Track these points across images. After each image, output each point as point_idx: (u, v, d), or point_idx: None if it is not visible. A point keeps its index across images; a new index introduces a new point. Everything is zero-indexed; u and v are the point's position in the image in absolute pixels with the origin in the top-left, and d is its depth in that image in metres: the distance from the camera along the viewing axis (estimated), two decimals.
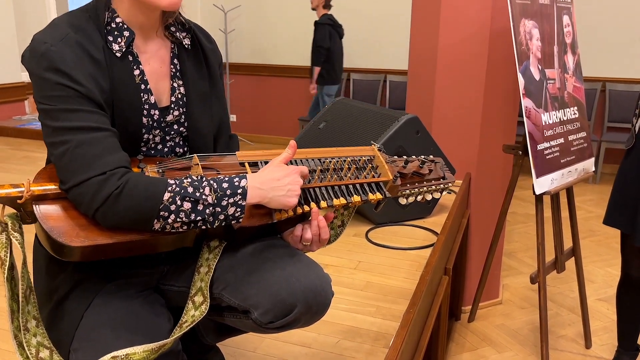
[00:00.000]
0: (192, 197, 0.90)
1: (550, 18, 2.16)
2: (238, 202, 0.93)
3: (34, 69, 0.90)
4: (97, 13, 0.96)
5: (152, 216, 0.88)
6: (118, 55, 0.96)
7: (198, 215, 0.91)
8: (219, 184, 0.93)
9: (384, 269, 1.76)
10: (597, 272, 3.16)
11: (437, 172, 1.22)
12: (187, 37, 1.07)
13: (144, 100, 1.00)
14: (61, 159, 0.89)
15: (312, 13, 5.86)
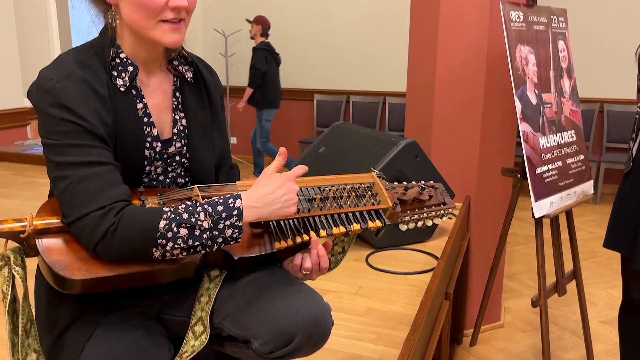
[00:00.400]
0: (188, 223, 0.91)
1: (546, 43, 2.20)
2: (235, 223, 0.94)
3: (40, 104, 0.92)
4: (102, 49, 0.99)
5: (150, 245, 0.89)
6: (122, 89, 0.99)
7: (196, 241, 0.92)
8: (214, 208, 0.93)
9: (384, 294, 1.75)
10: (599, 294, 3.15)
11: (438, 197, 1.23)
12: (189, 70, 1.10)
13: (146, 133, 1.02)
14: (64, 193, 0.90)
15: (309, 38, 5.94)
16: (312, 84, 6.06)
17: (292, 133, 6.20)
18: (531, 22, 2.13)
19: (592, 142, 5.18)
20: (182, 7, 0.96)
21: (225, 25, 6.17)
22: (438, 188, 1.24)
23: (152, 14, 0.95)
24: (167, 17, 0.96)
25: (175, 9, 0.96)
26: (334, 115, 5.91)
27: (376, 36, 5.70)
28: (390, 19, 5.53)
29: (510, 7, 2.05)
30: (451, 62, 2.43)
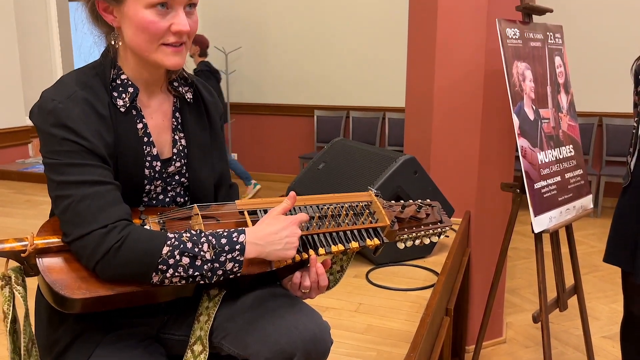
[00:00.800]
0: (191, 253, 0.92)
1: (542, 59, 2.22)
2: (236, 257, 0.95)
3: (42, 125, 0.94)
4: (103, 70, 1.01)
5: (150, 270, 0.90)
6: (122, 110, 1.00)
7: (196, 271, 0.92)
8: (218, 240, 0.94)
9: (384, 310, 1.75)
10: (602, 309, 3.13)
11: (435, 216, 1.23)
12: (190, 91, 1.12)
13: (146, 152, 1.03)
14: (65, 213, 0.91)
15: (308, 55, 5.98)
16: (312, 100, 6.10)
17: (292, 149, 6.22)
18: (527, 38, 2.15)
19: (592, 156, 5.19)
20: (184, 31, 0.98)
21: (225, 42, 6.23)
22: (435, 206, 1.25)
23: (154, 37, 0.97)
24: (168, 40, 0.98)
25: (177, 33, 0.98)
26: (334, 130, 5.94)
27: (375, 52, 5.75)
28: (389, 34, 5.58)
29: (506, 24, 2.07)
30: (449, 78, 2.45)
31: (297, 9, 5.94)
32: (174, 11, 0.97)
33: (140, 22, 0.95)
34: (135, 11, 0.95)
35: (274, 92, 6.24)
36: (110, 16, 0.99)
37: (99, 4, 0.99)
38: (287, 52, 6.08)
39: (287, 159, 6.27)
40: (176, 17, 0.97)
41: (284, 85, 6.19)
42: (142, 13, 0.95)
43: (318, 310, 1.06)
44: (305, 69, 6.06)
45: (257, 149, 6.43)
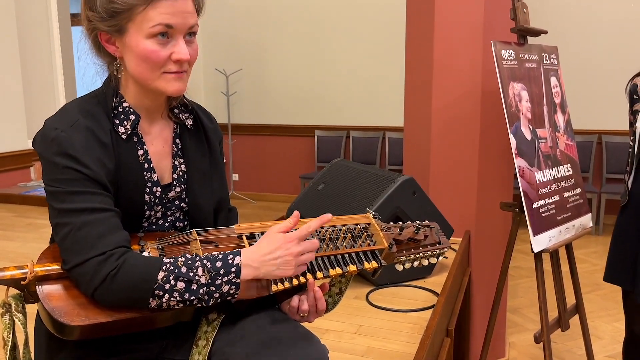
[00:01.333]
0: (186, 277, 0.93)
1: (538, 80, 2.24)
2: (232, 280, 0.95)
3: (45, 152, 0.95)
4: (105, 98, 1.03)
5: (147, 295, 0.91)
6: (124, 137, 1.02)
7: (192, 295, 0.93)
8: (213, 263, 0.95)
9: (385, 332, 1.75)
10: (605, 328, 3.11)
11: (433, 237, 1.24)
12: (190, 117, 1.14)
13: (146, 178, 1.05)
14: (64, 240, 0.92)
15: (309, 76, 6.04)
16: (312, 120, 6.14)
17: (293, 169, 6.24)
18: (522, 59, 2.18)
19: (592, 174, 5.20)
20: (184, 60, 1.00)
21: (226, 65, 6.30)
22: (433, 228, 1.25)
23: (156, 66, 0.99)
24: (170, 69, 1.00)
25: (177, 62, 1.00)
26: (334, 150, 5.97)
27: (374, 72, 5.80)
28: (388, 55, 5.64)
29: (502, 45, 2.10)
30: (446, 99, 2.48)
31: (297, 31, 6.01)
32: (174, 40, 0.99)
33: (141, 52, 0.98)
34: (137, 42, 0.98)
35: (274, 113, 6.28)
36: (113, 47, 1.02)
37: (102, 35, 1.01)
38: (287, 73, 6.14)
39: (288, 179, 6.29)
40: (176, 46, 0.99)
41: (285, 106, 6.23)
42: (143, 43, 0.97)
43: (318, 333, 1.07)
44: (305, 89, 6.11)
45: (258, 169, 6.46)
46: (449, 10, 2.42)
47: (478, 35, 2.39)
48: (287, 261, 0.98)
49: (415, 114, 2.64)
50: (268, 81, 6.25)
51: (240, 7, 6.18)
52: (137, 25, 0.97)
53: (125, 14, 0.97)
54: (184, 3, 0.99)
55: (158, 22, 0.96)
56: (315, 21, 5.92)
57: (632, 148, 1.97)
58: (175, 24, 0.98)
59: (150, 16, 0.96)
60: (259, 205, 6.21)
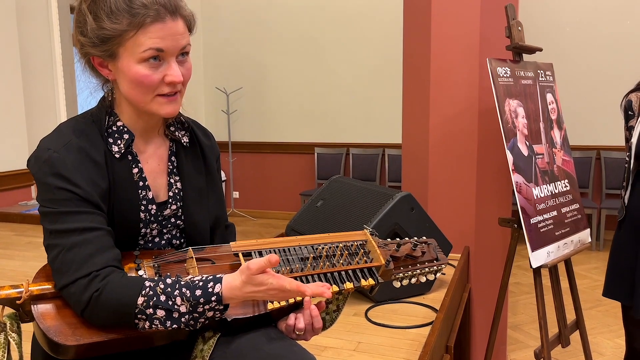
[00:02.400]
0: (165, 306, 0.91)
1: (534, 97, 2.26)
2: (215, 307, 0.93)
3: (38, 174, 0.97)
4: (99, 118, 1.04)
5: (131, 320, 0.91)
6: (117, 156, 1.03)
7: (174, 323, 0.92)
8: (192, 292, 0.91)
9: (384, 349, 1.74)
10: (606, 344, 3.09)
11: (431, 253, 1.23)
12: (186, 135, 1.14)
13: (141, 196, 1.05)
14: (54, 262, 0.94)
15: (309, 93, 6.09)
16: (312, 137, 6.17)
17: (293, 186, 6.25)
18: (518, 76, 2.20)
19: (592, 190, 5.21)
20: (177, 82, 1.01)
21: (226, 83, 6.36)
22: (431, 244, 1.25)
23: (149, 90, 1.00)
24: (163, 91, 1.01)
25: (170, 84, 1.00)
26: (334, 167, 5.99)
27: (374, 89, 5.84)
28: (387, 72, 5.69)
29: (497, 63, 2.13)
30: (444, 116, 2.50)
31: (297, 50, 6.07)
32: (166, 63, 0.99)
33: (134, 76, 0.98)
34: (129, 66, 0.98)
35: (274, 130, 6.32)
36: (106, 70, 1.03)
37: (94, 59, 1.02)
38: (287, 91, 6.19)
39: (289, 196, 6.30)
40: (169, 69, 0.99)
41: (285, 124, 6.27)
42: (135, 68, 0.98)
43: (317, 350, 1.07)
44: (305, 107, 6.15)
45: (259, 186, 6.47)
46: (446, 29, 2.45)
47: (474, 53, 2.42)
48: (273, 294, 0.93)
49: (413, 130, 2.66)
50: (268, 99, 6.29)
51: (240, 26, 6.25)
52: (128, 50, 0.97)
53: (115, 39, 0.97)
54: (174, 25, 0.99)
55: (149, 47, 0.96)
56: (315, 40, 5.98)
57: (627, 163, 1.99)
58: (166, 47, 0.98)
59: (140, 41, 0.96)
60: (260, 222, 6.21)
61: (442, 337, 1.78)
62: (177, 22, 0.99)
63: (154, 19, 0.96)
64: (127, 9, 0.95)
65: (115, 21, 0.96)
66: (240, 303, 0.99)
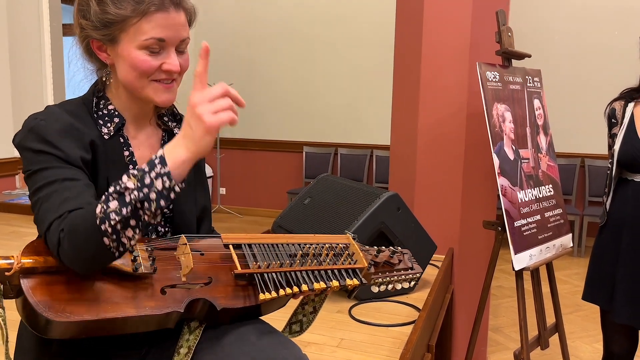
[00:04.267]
0: (115, 193, 0.86)
1: (522, 102, 2.30)
2: (160, 171, 0.87)
3: (22, 141, 0.97)
4: (90, 101, 1.06)
5: (96, 236, 0.86)
6: (106, 137, 1.04)
7: (127, 206, 0.85)
8: (138, 169, 0.88)
9: (366, 346, 1.76)
10: (585, 349, 3.14)
11: (406, 262, 1.28)
12: (177, 127, 1.16)
13: None
14: (37, 214, 0.93)
15: (298, 92, 6.09)
16: (301, 136, 6.18)
17: (281, 184, 6.26)
18: (507, 81, 2.23)
19: (575, 196, 5.28)
20: (175, 71, 1.03)
21: (216, 79, 6.28)
22: (406, 254, 1.30)
23: (145, 74, 1.01)
24: (159, 77, 1.02)
25: (167, 72, 1.02)
26: (322, 166, 6.00)
27: (363, 91, 5.87)
28: (377, 74, 5.71)
29: (487, 67, 2.16)
30: (432, 118, 2.52)
31: (288, 48, 6.08)
32: (165, 52, 1.02)
33: (132, 61, 1.00)
34: (129, 51, 1.00)
35: (263, 128, 6.32)
36: (104, 54, 1.04)
37: (93, 42, 1.03)
38: (277, 89, 6.19)
39: (276, 194, 6.30)
40: (167, 58, 1.02)
41: (274, 122, 6.27)
42: (135, 53, 1.00)
43: (300, 345, 1.08)
44: (294, 105, 6.16)
45: (246, 183, 6.47)
46: (437, 32, 2.48)
47: (464, 57, 2.45)
48: (200, 112, 0.89)
49: (402, 132, 2.68)
50: (258, 97, 6.29)
51: (231, 23, 6.24)
52: (129, 36, 0.99)
53: (118, 24, 0.99)
54: (177, 16, 1.01)
55: (151, 36, 0.99)
56: (306, 39, 5.99)
57: (610, 170, 2.03)
58: (167, 37, 1.00)
59: (143, 29, 0.98)
60: (246, 219, 6.20)
61: (424, 336, 1.80)
62: (180, 14, 1.01)
63: (158, 8, 0.98)
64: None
65: (119, 7, 0.97)
66: (231, 292, 0.99)
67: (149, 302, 0.94)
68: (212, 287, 1.02)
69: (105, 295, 0.92)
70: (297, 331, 1.25)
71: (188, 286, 1.00)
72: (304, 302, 1.24)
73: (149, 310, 0.94)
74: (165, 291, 0.97)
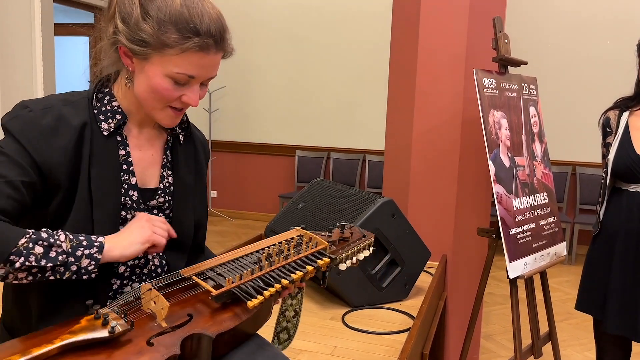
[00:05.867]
0: (46, 242, 0.88)
1: (518, 109, 2.29)
2: (93, 254, 0.91)
3: (7, 124, 0.95)
4: (94, 94, 1.03)
5: (2, 257, 0.85)
6: (105, 134, 1.01)
7: (49, 262, 0.88)
8: (76, 236, 0.92)
9: (359, 354, 1.73)
10: (576, 357, 3.14)
11: (357, 233, 1.30)
12: (183, 133, 1.14)
13: (123, 180, 1.03)
14: None
15: (291, 96, 6.08)
16: (293, 140, 6.16)
17: (273, 187, 6.23)
18: (503, 88, 2.23)
19: (566, 204, 5.30)
20: (193, 106, 1.02)
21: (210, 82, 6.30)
22: (354, 226, 1.32)
23: (163, 101, 0.99)
24: (175, 105, 1.01)
25: (185, 104, 1.01)
26: (314, 171, 5.98)
27: (357, 96, 5.86)
28: (370, 80, 5.72)
29: (483, 74, 2.15)
30: (428, 125, 2.51)
31: (282, 51, 6.06)
32: (189, 84, 0.99)
33: (155, 85, 0.97)
34: (155, 74, 0.97)
35: (256, 131, 6.29)
36: (129, 60, 1.00)
37: (121, 47, 0.98)
38: (271, 92, 6.17)
39: (267, 198, 6.27)
40: (189, 91, 1.00)
41: (267, 125, 6.25)
42: (160, 79, 0.97)
43: (292, 353, 1.06)
44: (287, 109, 6.14)
45: (238, 187, 6.43)
46: (433, 38, 2.47)
47: (460, 63, 2.45)
48: (141, 225, 0.98)
49: (397, 137, 2.67)
50: (251, 99, 6.26)
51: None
52: (162, 62, 0.96)
53: (154, 48, 0.95)
54: (215, 57, 0.98)
55: (183, 72, 0.96)
56: (301, 43, 5.98)
57: (604, 179, 2.02)
58: (198, 75, 0.98)
59: (178, 62, 0.95)
60: (237, 223, 6.16)
61: (418, 344, 1.78)
62: (218, 55, 0.99)
63: (200, 48, 0.95)
64: (180, 27, 0.93)
65: (162, 32, 0.93)
66: (217, 318, 0.96)
67: (141, 358, 0.88)
68: (196, 321, 0.97)
69: None
70: (286, 339, 1.23)
71: (172, 329, 0.94)
72: (283, 309, 1.23)
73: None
74: (152, 342, 0.91)
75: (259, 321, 1.07)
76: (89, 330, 0.87)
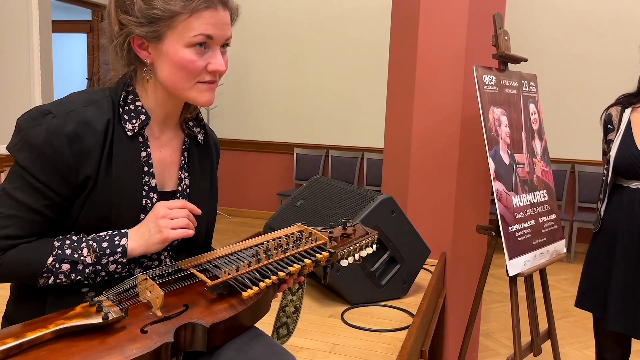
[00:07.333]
0: (71, 259, 0.95)
1: (517, 106, 2.28)
2: (118, 260, 0.98)
3: (27, 129, 0.94)
4: (117, 93, 1.02)
5: (35, 278, 0.96)
6: (130, 134, 1.01)
7: (78, 275, 0.97)
8: (99, 244, 0.97)
9: (359, 352, 1.73)
10: (575, 355, 3.14)
11: (360, 230, 1.30)
12: (201, 132, 1.14)
13: (144, 182, 1.03)
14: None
15: (292, 92, 6.06)
16: (292, 137, 6.15)
17: (271, 185, 6.22)
18: (503, 85, 2.22)
19: (565, 202, 5.30)
20: (221, 71, 1.01)
21: None
22: (357, 223, 1.32)
23: (192, 75, 0.99)
24: (204, 79, 1.00)
25: (213, 73, 1.00)
26: (313, 168, 5.97)
27: (355, 93, 5.85)
28: (369, 77, 5.70)
29: (483, 70, 2.14)
30: (427, 122, 2.50)
31: (281, 49, 6.05)
32: (211, 51, 1.00)
33: (179, 60, 0.97)
34: (175, 50, 0.97)
35: (254, 128, 6.28)
36: (145, 52, 1.00)
37: (135, 40, 0.99)
38: (269, 90, 6.15)
39: (266, 196, 6.26)
40: (213, 57, 1.00)
41: (265, 122, 6.23)
42: (182, 52, 0.97)
43: (292, 350, 1.05)
44: (286, 107, 6.13)
45: (236, 184, 6.42)
46: (432, 35, 2.46)
47: (460, 60, 2.44)
48: (157, 224, 1.00)
49: (396, 135, 2.66)
50: (249, 97, 6.25)
51: None
52: (177, 34, 0.97)
53: (166, 21, 0.96)
54: (224, 14, 1.00)
55: (200, 32, 0.97)
56: (300, 40, 5.96)
57: (605, 176, 2.01)
58: (215, 34, 0.98)
59: (192, 25, 0.96)
60: (235, 220, 6.15)
61: (417, 342, 1.78)
62: (226, 13, 1.01)
63: (208, 5, 0.97)
64: None
65: (168, 2, 0.95)
66: (212, 309, 0.95)
67: (134, 345, 0.88)
68: (192, 311, 0.97)
69: (87, 355, 0.85)
70: (285, 334, 1.23)
71: (167, 318, 0.94)
72: (283, 304, 1.23)
73: (137, 351, 0.87)
74: (146, 330, 0.91)
75: (256, 314, 1.06)
76: (83, 316, 0.89)
